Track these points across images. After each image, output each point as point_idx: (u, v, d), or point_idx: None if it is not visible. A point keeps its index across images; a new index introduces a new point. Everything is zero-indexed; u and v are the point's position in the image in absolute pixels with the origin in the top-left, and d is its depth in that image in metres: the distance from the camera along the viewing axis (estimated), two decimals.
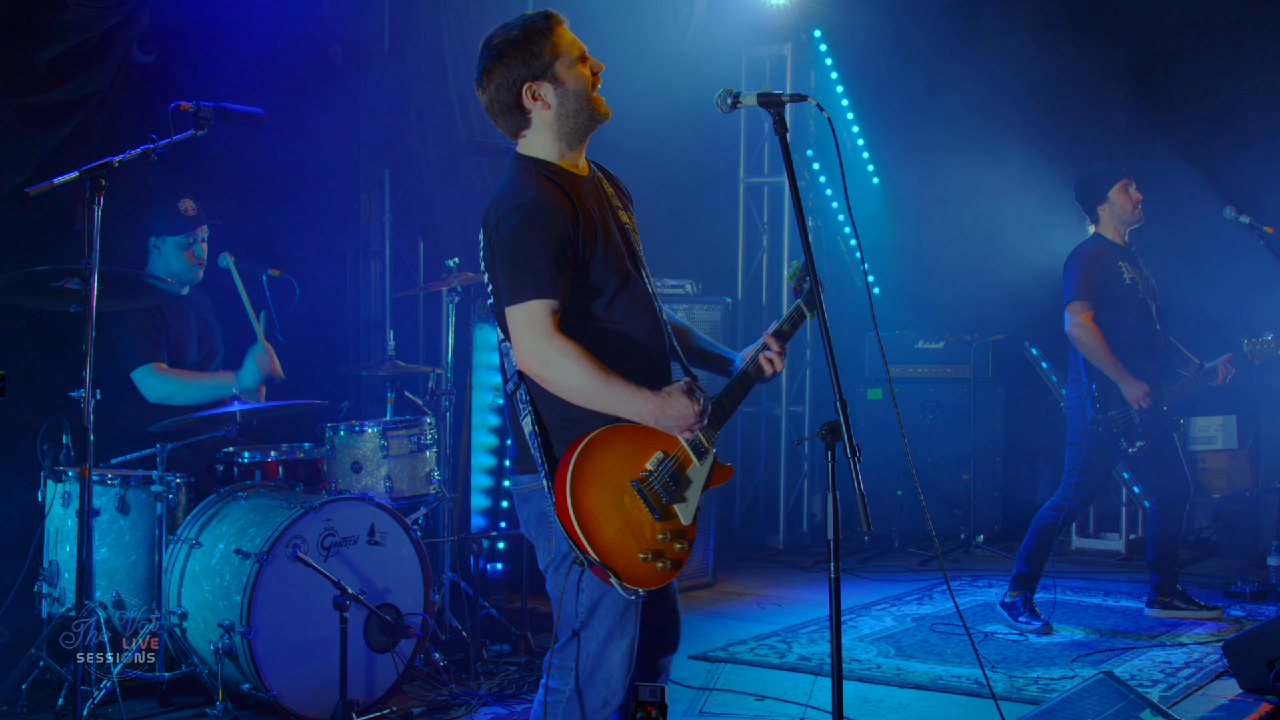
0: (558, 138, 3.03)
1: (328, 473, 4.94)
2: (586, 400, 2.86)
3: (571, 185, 2.98)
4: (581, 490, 2.80)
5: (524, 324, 2.85)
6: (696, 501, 2.97)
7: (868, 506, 2.67)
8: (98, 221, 3.84)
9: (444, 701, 4.59)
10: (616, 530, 2.82)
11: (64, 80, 4.94)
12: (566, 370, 2.83)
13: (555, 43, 2.98)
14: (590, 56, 3.04)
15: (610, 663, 2.95)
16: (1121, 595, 6.63)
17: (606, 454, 2.86)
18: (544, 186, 2.92)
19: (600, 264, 2.95)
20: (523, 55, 2.97)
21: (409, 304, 6.60)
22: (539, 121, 3.02)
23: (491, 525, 6.38)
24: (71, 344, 4.56)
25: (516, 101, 2.99)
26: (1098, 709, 3.76)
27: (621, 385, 2.85)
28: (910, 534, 8.07)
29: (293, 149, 5.89)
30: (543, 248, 2.85)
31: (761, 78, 8.30)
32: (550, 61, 2.97)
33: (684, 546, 2.91)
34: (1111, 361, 5.65)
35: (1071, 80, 8.61)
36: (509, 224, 2.89)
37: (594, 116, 3.04)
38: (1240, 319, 7.67)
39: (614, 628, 2.93)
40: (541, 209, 2.88)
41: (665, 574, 2.88)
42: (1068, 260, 5.92)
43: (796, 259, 3.21)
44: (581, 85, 3.00)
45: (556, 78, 2.98)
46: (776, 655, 5.34)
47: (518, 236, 2.87)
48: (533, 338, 2.84)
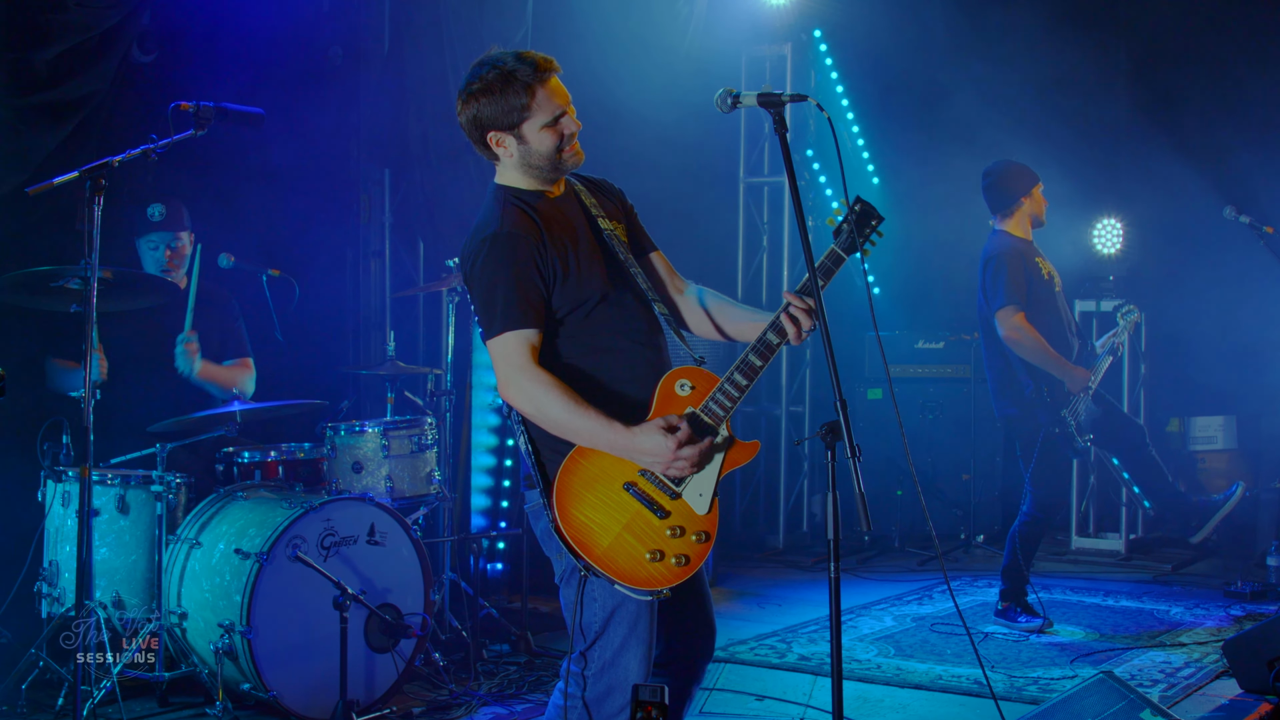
0: (525, 176, 3.06)
1: (328, 473, 4.94)
2: (560, 431, 2.91)
3: (543, 208, 3.02)
4: (569, 505, 2.86)
5: (499, 357, 2.93)
6: (714, 487, 2.93)
7: (868, 506, 2.66)
8: (98, 221, 3.84)
9: (444, 701, 4.59)
10: (616, 536, 2.84)
11: (64, 80, 4.94)
12: (539, 402, 2.88)
13: (530, 102, 2.96)
14: (568, 116, 3.00)
15: (626, 670, 2.96)
16: (1121, 595, 6.63)
17: (593, 465, 2.89)
18: (509, 215, 2.97)
19: (575, 283, 2.98)
20: (495, 103, 2.97)
21: (409, 304, 6.60)
22: (505, 161, 3.06)
23: (491, 525, 6.38)
24: (72, 344, 4.57)
25: (482, 140, 3.04)
26: (1098, 709, 3.76)
27: (593, 418, 2.86)
28: (910, 534, 8.08)
29: (293, 149, 5.89)
30: (510, 280, 2.91)
31: (761, 78, 8.30)
32: (519, 120, 2.98)
33: (701, 538, 2.90)
34: (1054, 358, 5.59)
35: (1072, 79, 8.61)
36: (479, 260, 2.95)
37: (560, 168, 3.05)
38: (1241, 320, 7.69)
39: (628, 636, 2.95)
40: (504, 240, 2.93)
41: (681, 570, 2.87)
42: (987, 263, 5.78)
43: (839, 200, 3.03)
44: (545, 148, 3.00)
45: (521, 136, 3.00)
46: (776, 655, 5.34)
47: (486, 272, 2.93)
48: (507, 370, 2.92)
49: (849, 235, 3.00)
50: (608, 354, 3.01)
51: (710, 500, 2.93)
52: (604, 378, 2.98)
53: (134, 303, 4.70)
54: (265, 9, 5.69)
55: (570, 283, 2.97)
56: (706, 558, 2.94)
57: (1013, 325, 5.60)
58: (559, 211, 3.05)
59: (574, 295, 2.98)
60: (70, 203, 4.97)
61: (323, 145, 6.14)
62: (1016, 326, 5.59)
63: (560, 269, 2.96)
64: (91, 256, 3.86)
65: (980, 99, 8.57)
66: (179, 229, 5.04)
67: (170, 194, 5.11)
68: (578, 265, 2.99)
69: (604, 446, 2.88)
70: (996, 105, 8.54)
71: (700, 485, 2.93)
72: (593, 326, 3.01)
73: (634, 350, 3.05)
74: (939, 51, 8.77)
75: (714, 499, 2.93)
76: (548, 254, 2.95)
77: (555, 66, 3.01)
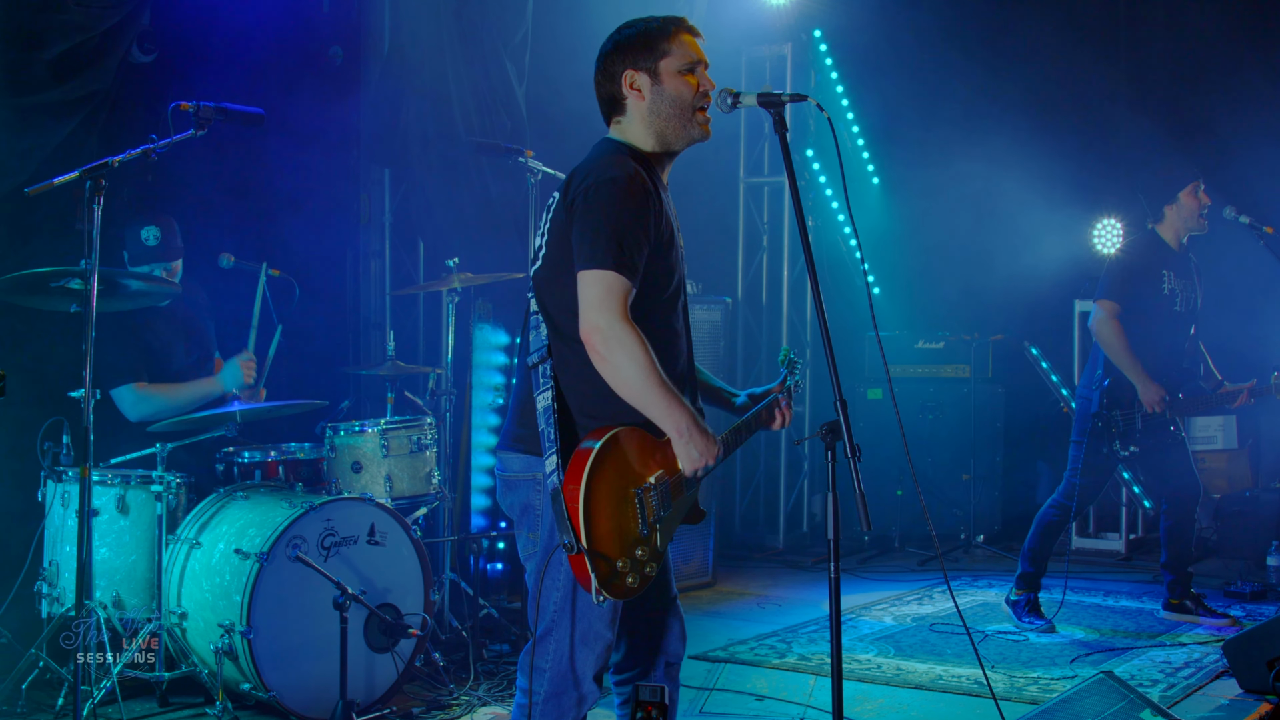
0: (649, 132, 3.03)
1: (328, 473, 4.94)
2: (631, 393, 2.82)
3: (657, 179, 3.01)
4: (600, 477, 2.77)
5: (599, 294, 2.79)
6: (672, 531, 2.95)
7: (868, 506, 2.67)
8: (98, 221, 3.83)
9: (444, 701, 4.59)
10: (611, 528, 2.80)
11: (64, 80, 4.94)
12: (626, 355, 2.78)
13: (670, 44, 3.01)
14: (703, 74, 3.04)
15: (583, 662, 2.94)
16: (1122, 595, 6.63)
17: (625, 453, 2.85)
18: (630, 165, 2.92)
19: (668, 263, 2.96)
20: (636, 39, 3.02)
21: (409, 304, 6.60)
22: (633, 110, 3.04)
23: (491, 525, 6.38)
24: (71, 344, 4.56)
25: (616, 85, 3.03)
26: (1098, 709, 3.75)
27: (668, 392, 2.84)
28: (910, 534, 8.07)
29: (292, 149, 5.89)
30: (634, 225, 2.83)
31: (761, 78, 8.30)
32: (657, 58, 3.01)
33: (652, 570, 2.88)
34: (1131, 362, 5.61)
35: (1071, 79, 8.61)
36: (605, 192, 2.83)
37: (686, 128, 3.03)
38: (1241, 320, 7.67)
39: (588, 628, 2.92)
40: (640, 188, 2.87)
41: (630, 589, 2.82)
42: (1116, 254, 5.92)
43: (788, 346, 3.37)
44: (679, 93, 3.01)
45: (658, 75, 3.01)
46: (776, 655, 5.34)
47: (613, 206, 2.82)
48: (604, 313, 2.78)
49: None
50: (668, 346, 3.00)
51: (666, 541, 2.93)
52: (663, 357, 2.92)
53: (135, 303, 4.69)
54: (265, 9, 5.69)
55: (664, 263, 2.94)
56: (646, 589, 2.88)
57: (1102, 317, 5.68)
58: (668, 200, 3.05)
59: (664, 277, 2.95)
60: (70, 203, 4.97)
61: (323, 145, 6.15)
62: (1104, 320, 5.66)
63: (664, 244, 2.93)
64: (91, 256, 3.86)
65: (980, 99, 8.58)
66: (174, 258, 4.93)
67: (160, 211, 5.04)
68: (673, 246, 2.98)
69: (667, 421, 2.84)
70: (997, 105, 8.55)
71: (669, 524, 2.93)
72: (665, 317, 3.00)
73: (683, 355, 3.07)
74: (939, 52, 8.77)
75: (667, 542, 2.94)
76: (661, 224, 2.92)
77: (699, 32, 3.09)
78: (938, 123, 8.76)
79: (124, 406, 4.82)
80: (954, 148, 8.42)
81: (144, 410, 4.82)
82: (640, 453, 2.88)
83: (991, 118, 8.45)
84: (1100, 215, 8.07)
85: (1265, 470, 8.03)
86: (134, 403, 4.82)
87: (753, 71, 8.37)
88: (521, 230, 6.18)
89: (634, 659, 3.19)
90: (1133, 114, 8.67)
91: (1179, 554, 5.88)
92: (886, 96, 8.85)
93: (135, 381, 4.82)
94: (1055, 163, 8.12)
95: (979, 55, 8.71)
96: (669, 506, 2.92)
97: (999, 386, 8.36)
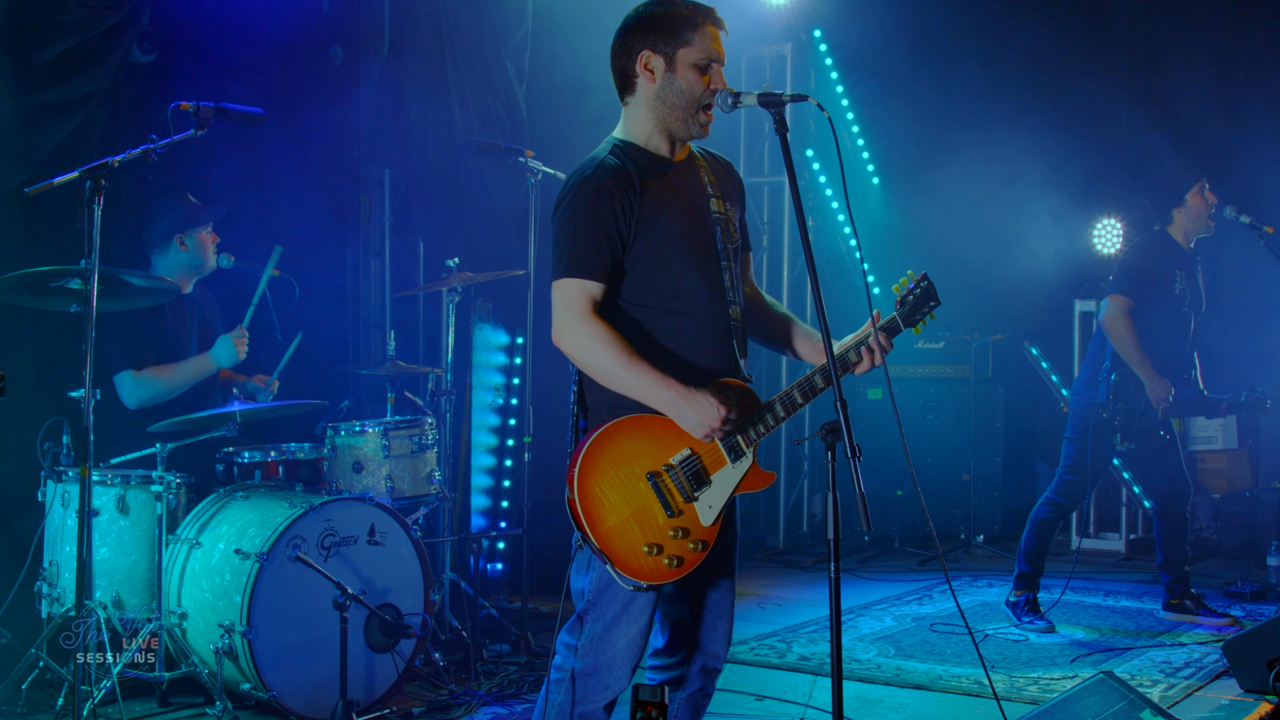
0: (652, 117, 3.04)
1: (328, 473, 4.94)
2: (609, 382, 2.91)
3: (649, 167, 3.01)
4: (591, 475, 2.84)
5: (558, 302, 2.94)
6: (722, 505, 2.97)
7: (868, 506, 2.67)
8: (98, 221, 3.83)
9: (444, 701, 4.59)
10: (623, 519, 2.85)
11: (64, 80, 4.94)
12: (591, 350, 2.89)
13: (694, 34, 3.02)
14: (717, 72, 3.04)
15: (613, 648, 2.96)
16: (1121, 595, 6.63)
17: (628, 442, 2.88)
18: (605, 167, 2.96)
19: (657, 244, 2.96)
20: (662, 19, 3.02)
21: (409, 304, 6.60)
22: (642, 91, 3.05)
23: (491, 525, 6.38)
24: (72, 344, 4.56)
25: (631, 60, 3.04)
26: (1098, 709, 3.76)
27: (646, 371, 2.87)
28: (910, 534, 8.08)
29: (293, 149, 5.88)
30: (584, 228, 2.91)
31: (761, 78, 8.30)
32: (677, 46, 3.01)
33: (697, 547, 2.91)
34: (1140, 357, 5.64)
35: (1071, 79, 8.61)
36: (561, 208, 2.98)
37: (687, 123, 3.04)
38: (1240, 320, 7.67)
39: (620, 613, 2.95)
40: (591, 190, 2.93)
41: (671, 570, 2.88)
42: (1129, 250, 5.94)
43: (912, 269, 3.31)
44: (690, 86, 3.01)
45: (674, 63, 3.01)
46: (776, 655, 5.34)
47: (565, 216, 2.95)
48: (564, 315, 2.93)
49: (911, 309, 3.26)
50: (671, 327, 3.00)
51: (717, 515, 2.95)
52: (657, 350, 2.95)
53: (136, 302, 4.69)
54: (265, 9, 5.68)
55: (650, 246, 2.96)
56: (699, 565, 2.93)
57: (1114, 312, 5.69)
58: (671, 176, 3.05)
59: (653, 259, 2.96)
60: (71, 203, 4.97)
61: (323, 145, 6.14)
62: (1115, 314, 5.67)
63: (642, 229, 2.95)
64: (91, 256, 3.86)
65: (980, 99, 8.57)
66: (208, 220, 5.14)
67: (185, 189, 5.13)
68: (666, 232, 2.97)
69: (652, 400, 2.88)
70: (997, 105, 8.55)
71: (712, 498, 2.95)
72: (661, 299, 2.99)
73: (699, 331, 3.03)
74: (939, 51, 8.77)
75: (720, 515, 2.96)
76: (634, 210, 2.94)
77: (724, 25, 3.10)
78: (938, 122, 8.76)
79: (123, 392, 4.84)
80: (954, 147, 8.42)
81: (142, 395, 4.85)
82: (658, 436, 2.91)
83: (991, 117, 8.45)
84: (1100, 215, 8.07)
85: (1265, 470, 8.03)
86: (133, 388, 4.84)
87: (753, 71, 8.38)
88: (521, 230, 6.18)
89: (674, 648, 3.21)
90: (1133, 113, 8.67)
91: (1174, 555, 5.89)
92: (886, 96, 8.85)
93: (134, 368, 4.85)
94: (1055, 162, 8.12)
95: (979, 55, 8.70)
96: (705, 481, 2.94)
97: (999, 386, 8.37)
